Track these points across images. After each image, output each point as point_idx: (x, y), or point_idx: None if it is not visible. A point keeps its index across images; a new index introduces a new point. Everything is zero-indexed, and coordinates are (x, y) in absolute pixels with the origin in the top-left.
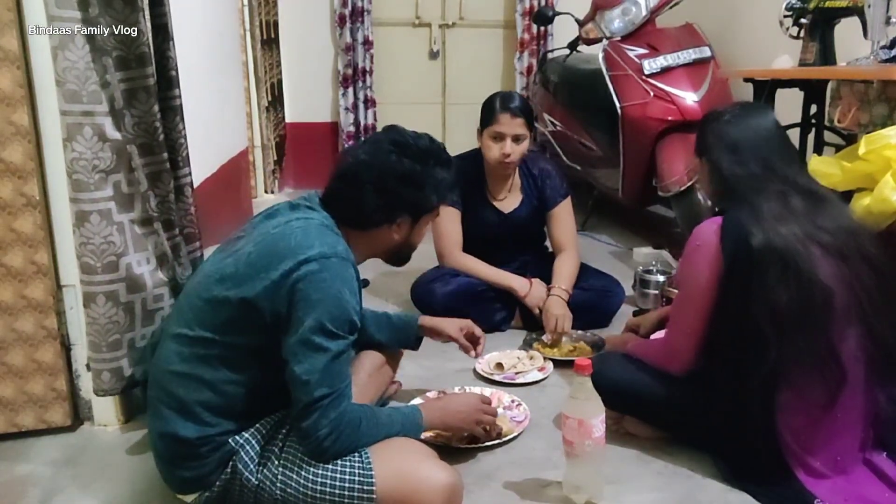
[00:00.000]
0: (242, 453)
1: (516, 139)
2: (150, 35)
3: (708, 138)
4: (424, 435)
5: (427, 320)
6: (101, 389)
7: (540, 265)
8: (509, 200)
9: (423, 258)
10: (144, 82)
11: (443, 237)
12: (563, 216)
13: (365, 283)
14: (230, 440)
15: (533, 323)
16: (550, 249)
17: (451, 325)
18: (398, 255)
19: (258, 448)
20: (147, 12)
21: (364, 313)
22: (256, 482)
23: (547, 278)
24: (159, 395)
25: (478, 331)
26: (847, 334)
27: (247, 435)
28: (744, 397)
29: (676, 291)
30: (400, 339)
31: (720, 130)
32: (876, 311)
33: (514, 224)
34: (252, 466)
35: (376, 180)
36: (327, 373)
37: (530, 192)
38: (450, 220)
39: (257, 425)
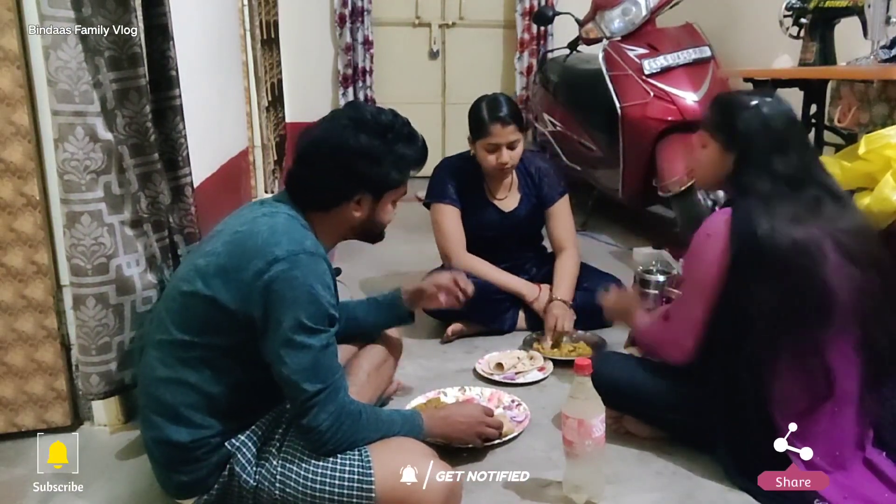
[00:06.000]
0: (239, 455)
1: (511, 146)
2: (142, 35)
3: (738, 125)
4: None
5: (407, 287)
6: (89, 393)
7: (540, 266)
8: (509, 200)
9: (427, 259)
10: (136, 83)
11: (447, 238)
12: (562, 214)
13: (337, 272)
14: (226, 443)
15: (537, 324)
16: (550, 250)
17: (434, 281)
18: (366, 234)
19: (255, 450)
20: (140, 12)
21: (349, 305)
22: (255, 483)
23: (547, 279)
24: (148, 403)
25: (461, 280)
26: (844, 337)
27: (242, 437)
28: (735, 389)
29: (677, 292)
30: (391, 317)
31: (757, 118)
32: (876, 316)
33: (514, 223)
34: (249, 468)
35: (330, 157)
36: (316, 368)
37: (528, 190)
38: (452, 219)
39: (253, 427)
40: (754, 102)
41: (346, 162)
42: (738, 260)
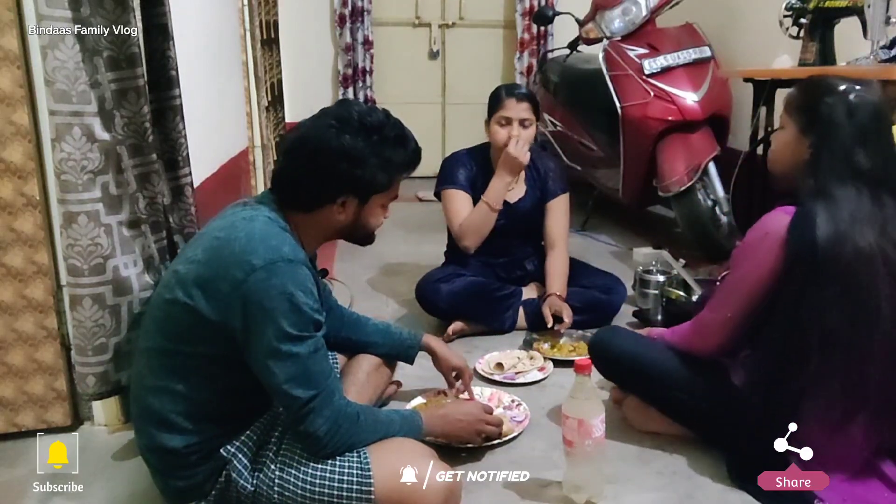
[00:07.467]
0: (235, 462)
1: (523, 123)
2: (141, 35)
3: (821, 108)
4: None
5: (431, 343)
6: (86, 394)
7: (539, 263)
8: (514, 191)
9: (427, 257)
10: (135, 83)
11: (456, 216)
12: (559, 210)
13: (323, 273)
14: (221, 450)
15: (537, 323)
16: None
17: (446, 363)
18: (353, 236)
19: (251, 455)
20: (139, 12)
21: (368, 328)
22: (253, 488)
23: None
24: (139, 411)
25: (467, 376)
26: (883, 356)
27: (237, 443)
28: (769, 401)
29: (677, 292)
30: (399, 355)
31: (842, 105)
32: None
33: (518, 215)
34: (246, 473)
35: (312, 157)
36: (307, 375)
37: (534, 184)
38: (461, 201)
39: (248, 431)
40: (842, 88)
41: (327, 163)
42: (794, 269)
